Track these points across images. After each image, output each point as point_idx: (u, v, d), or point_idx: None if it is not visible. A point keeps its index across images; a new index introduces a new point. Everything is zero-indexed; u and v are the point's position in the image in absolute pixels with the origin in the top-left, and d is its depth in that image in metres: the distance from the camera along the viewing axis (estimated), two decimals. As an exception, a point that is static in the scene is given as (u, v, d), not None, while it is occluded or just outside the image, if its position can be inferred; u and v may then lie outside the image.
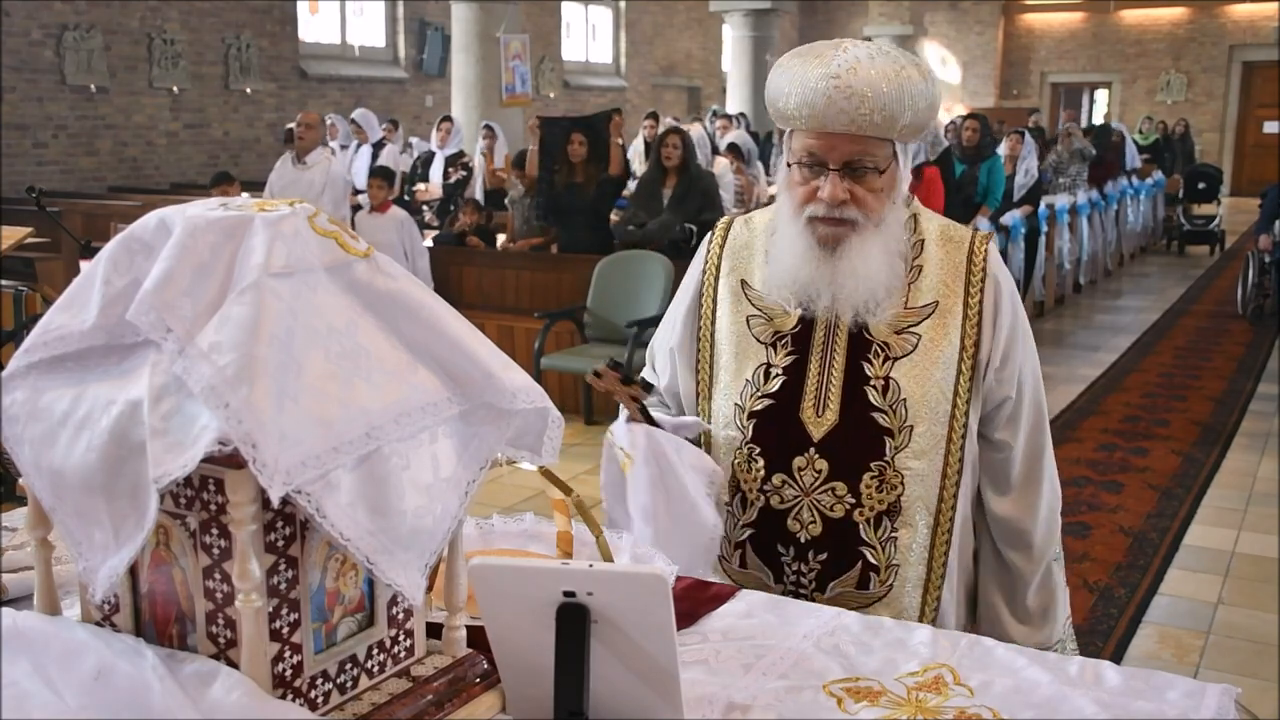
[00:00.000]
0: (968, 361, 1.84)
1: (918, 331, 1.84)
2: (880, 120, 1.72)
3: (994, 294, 1.85)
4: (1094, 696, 1.30)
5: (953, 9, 23.36)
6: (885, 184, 1.79)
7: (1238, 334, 9.30)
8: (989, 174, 8.50)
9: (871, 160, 1.76)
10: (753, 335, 1.92)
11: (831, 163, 1.76)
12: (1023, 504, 1.92)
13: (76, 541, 1.12)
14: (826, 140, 1.76)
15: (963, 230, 1.92)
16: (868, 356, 1.85)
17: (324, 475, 1.06)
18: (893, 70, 1.73)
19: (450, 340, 1.18)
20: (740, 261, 1.96)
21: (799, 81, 1.75)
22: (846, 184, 1.77)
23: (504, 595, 1.17)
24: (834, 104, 1.71)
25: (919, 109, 1.74)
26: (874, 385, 1.84)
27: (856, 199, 1.77)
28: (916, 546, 1.85)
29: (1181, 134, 17.37)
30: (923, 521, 1.84)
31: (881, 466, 1.83)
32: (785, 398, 1.87)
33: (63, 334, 1.14)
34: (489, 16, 11.88)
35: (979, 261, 1.86)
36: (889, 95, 1.71)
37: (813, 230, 1.81)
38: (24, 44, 11.15)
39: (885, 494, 1.83)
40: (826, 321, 1.86)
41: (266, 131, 13.66)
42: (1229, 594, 4.28)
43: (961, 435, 1.85)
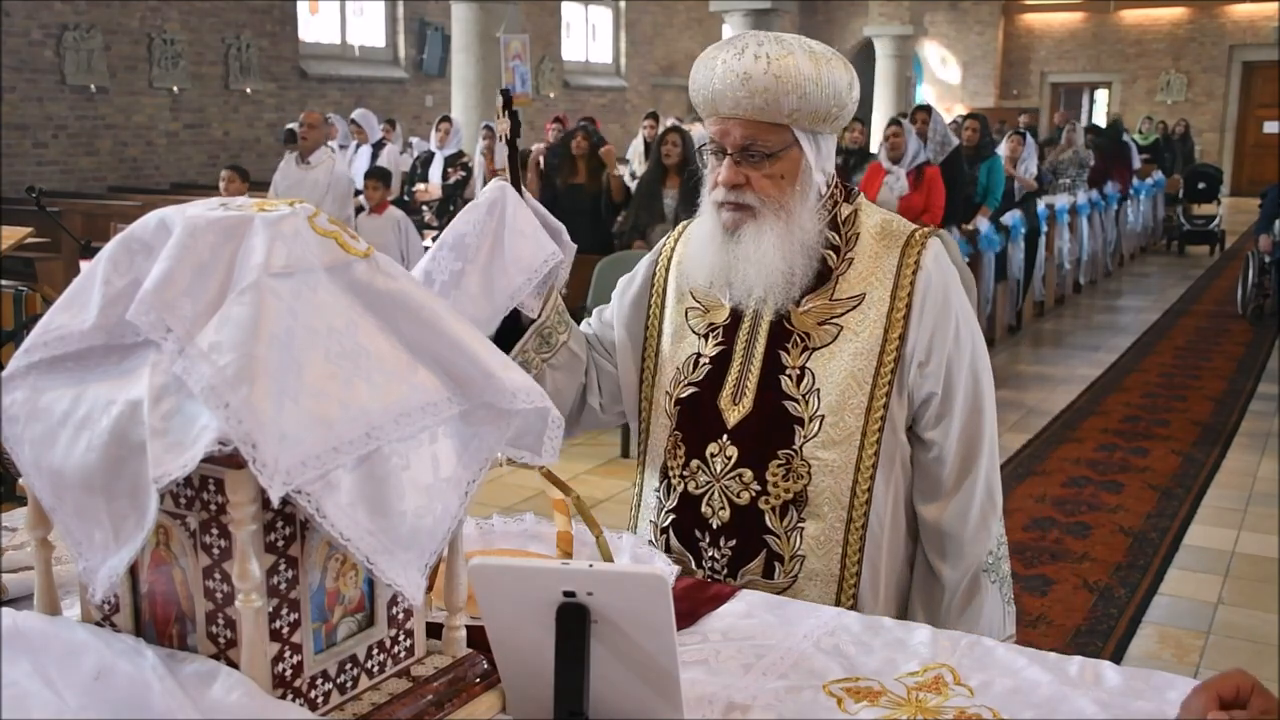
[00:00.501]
0: (890, 354, 1.83)
1: (840, 323, 1.85)
2: (763, 103, 1.76)
3: (924, 286, 1.84)
4: (1094, 696, 1.30)
5: (953, 9, 23.35)
6: (785, 171, 1.82)
7: (1238, 334, 9.30)
8: (989, 174, 8.50)
9: (764, 145, 1.79)
10: (689, 326, 1.97)
11: (728, 147, 1.81)
12: (952, 507, 1.87)
13: (76, 541, 1.12)
14: (722, 125, 1.82)
15: (905, 225, 1.92)
16: (786, 346, 1.86)
17: (324, 475, 1.06)
18: (778, 54, 1.76)
19: (450, 340, 1.18)
20: (685, 256, 2.01)
21: (701, 72, 1.82)
22: (743, 169, 1.81)
23: (504, 595, 1.17)
24: (726, 87, 1.77)
25: (806, 93, 1.76)
26: (789, 374, 1.85)
27: (752, 184, 1.81)
28: (825, 540, 1.83)
29: (1182, 134, 17.36)
30: (832, 514, 1.83)
31: (789, 455, 1.83)
32: (707, 386, 1.91)
33: (63, 334, 1.14)
34: (489, 16, 11.89)
35: (913, 255, 1.86)
36: (770, 79, 1.75)
37: (719, 216, 1.86)
38: (24, 44, 11.15)
39: (791, 483, 1.83)
40: (753, 313, 1.89)
41: (266, 131, 13.66)
42: (1229, 594, 4.28)
43: (878, 429, 1.83)
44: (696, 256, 1.92)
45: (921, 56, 23.35)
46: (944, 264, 1.88)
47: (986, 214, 8.39)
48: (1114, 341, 8.96)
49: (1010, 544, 2.03)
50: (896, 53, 19.29)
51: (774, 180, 1.81)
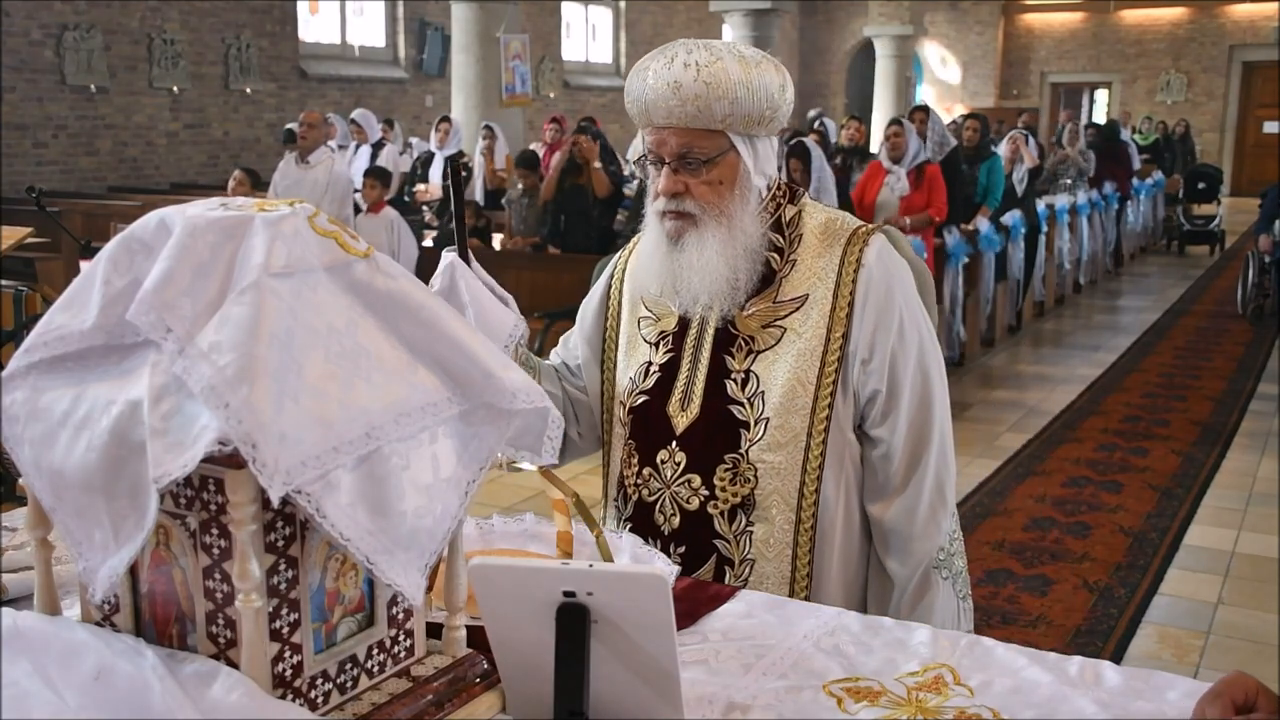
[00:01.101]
0: (834, 354, 1.83)
1: (784, 325, 1.85)
2: (695, 110, 1.77)
3: (865, 284, 1.83)
4: (1094, 696, 1.30)
5: (953, 9, 23.35)
6: (723, 176, 1.82)
7: (1238, 334, 9.30)
8: (989, 174, 8.50)
9: (701, 152, 1.80)
10: (641, 336, 1.98)
11: (665, 156, 1.83)
12: (900, 504, 1.86)
13: (76, 541, 1.12)
14: (657, 135, 1.83)
15: (849, 223, 1.91)
16: (731, 350, 1.87)
17: (324, 475, 1.06)
18: (707, 61, 1.77)
19: (450, 340, 1.18)
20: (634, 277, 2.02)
21: (634, 85, 1.84)
22: (681, 177, 1.82)
23: (504, 595, 1.17)
24: (658, 96, 1.79)
25: (737, 98, 1.77)
26: (734, 378, 1.86)
27: (691, 191, 1.82)
28: (775, 542, 1.83)
29: (1182, 134, 17.36)
30: (781, 516, 1.83)
31: (735, 459, 1.84)
32: (657, 393, 1.92)
33: (63, 334, 1.14)
34: (489, 16, 11.88)
35: (854, 253, 1.85)
36: (700, 86, 1.76)
37: (662, 225, 1.87)
38: (24, 44, 11.15)
39: (739, 487, 1.84)
40: (699, 319, 1.90)
41: (266, 131, 13.66)
42: (1229, 594, 4.28)
43: (824, 429, 1.83)
44: (645, 266, 1.94)
45: (921, 56, 23.35)
46: (888, 259, 1.87)
47: (986, 214, 8.39)
48: (1114, 341, 8.96)
49: (1010, 544, 2.03)
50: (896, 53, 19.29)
51: (712, 186, 1.82)
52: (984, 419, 6.70)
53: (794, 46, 23.83)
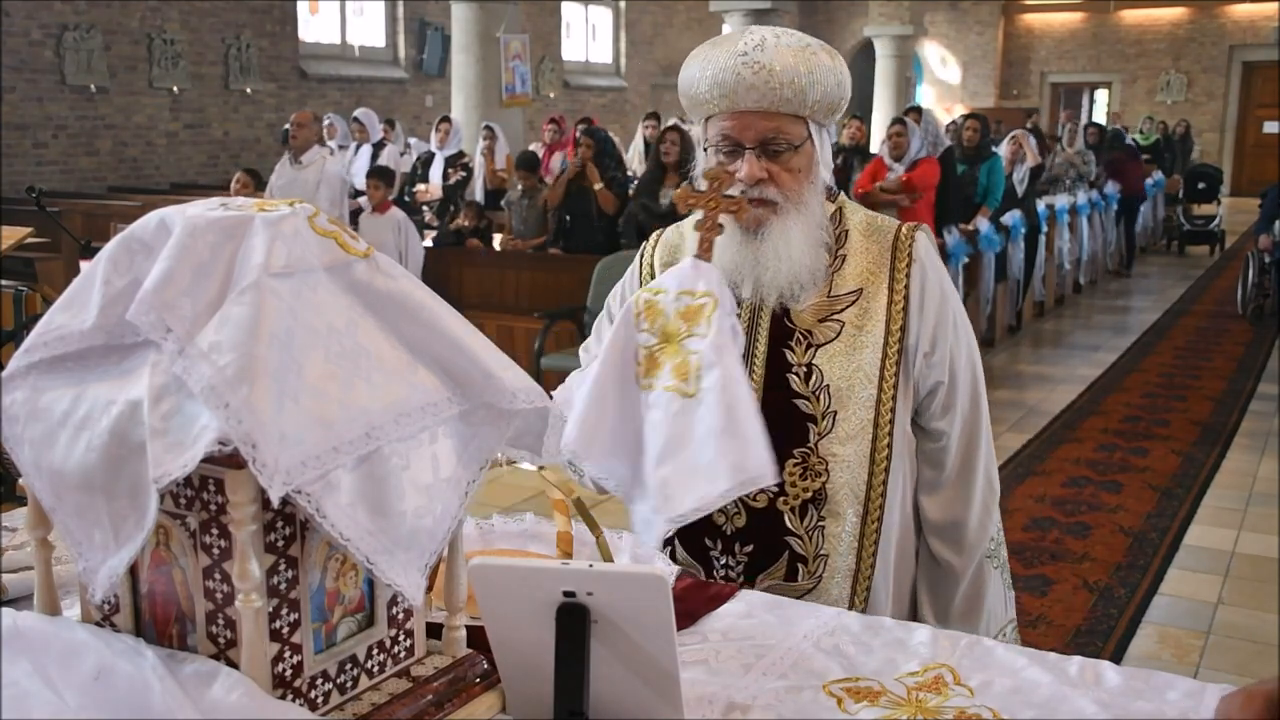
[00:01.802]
0: (894, 346, 1.82)
1: (841, 319, 1.83)
2: (790, 95, 1.74)
3: (920, 279, 1.84)
4: (1094, 696, 1.30)
5: (953, 9, 23.35)
6: (802, 164, 1.80)
7: (1238, 334, 9.31)
8: (989, 174, 8.51)
9: (786, 138, 1.77)
10: None
11: (747, 142, 1.77)
12: (957, 495, 1.89)
13: (76, 541, 1.12)
14: (740, 120, 1.77)
15: (889, 221, 1.92)
16: (789, 344, 1.84)
17: (324, 475, 1.06)
18: (800, 46, 1.76)
19: (450, 340, 1.18)
20: (671, 261, 1.95)
21: (710, 65, 1.77)
22: (763, 163, 1.78)
23: (504, 595, 1.17)
24: (744, 81, 1.73)
25: (828, 86, 1.76)
26: (796, 372, 1.83)
27: (774, 178, 1.78)
28: (845, 536, 1.82)
29: (1182, 134, 17.36)
30: (851, 510, 1.82)
31: (805, 453, 1.81)
32: None
33: (63, 334, 1.14)
34: (489, 16, 11.88)
35: (905, 248, 1.85)
36: (796, 70, 1.73)
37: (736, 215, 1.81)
38: (24, 44, 11.15)
39: (810, 481, 1.81)
40: (751, 311, 1.87)
41: (266, 131, 13.66)
42: (1229, 594, 4.28)
43: (889, 420, 1.82)
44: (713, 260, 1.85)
45: (921, 56, 23.35)
46: (933, 255, 1.89)
47: (986, 214, 8.40)
48: (1114, 341, 8.96)
49: (1010, 544, 2.04)
50: (896, 53, 19.28)
51: (794, 174, 1.79)
52: (984, 419, 6.69)
53: (794, 46, 23.79)
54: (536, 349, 6.33)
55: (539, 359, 6.25)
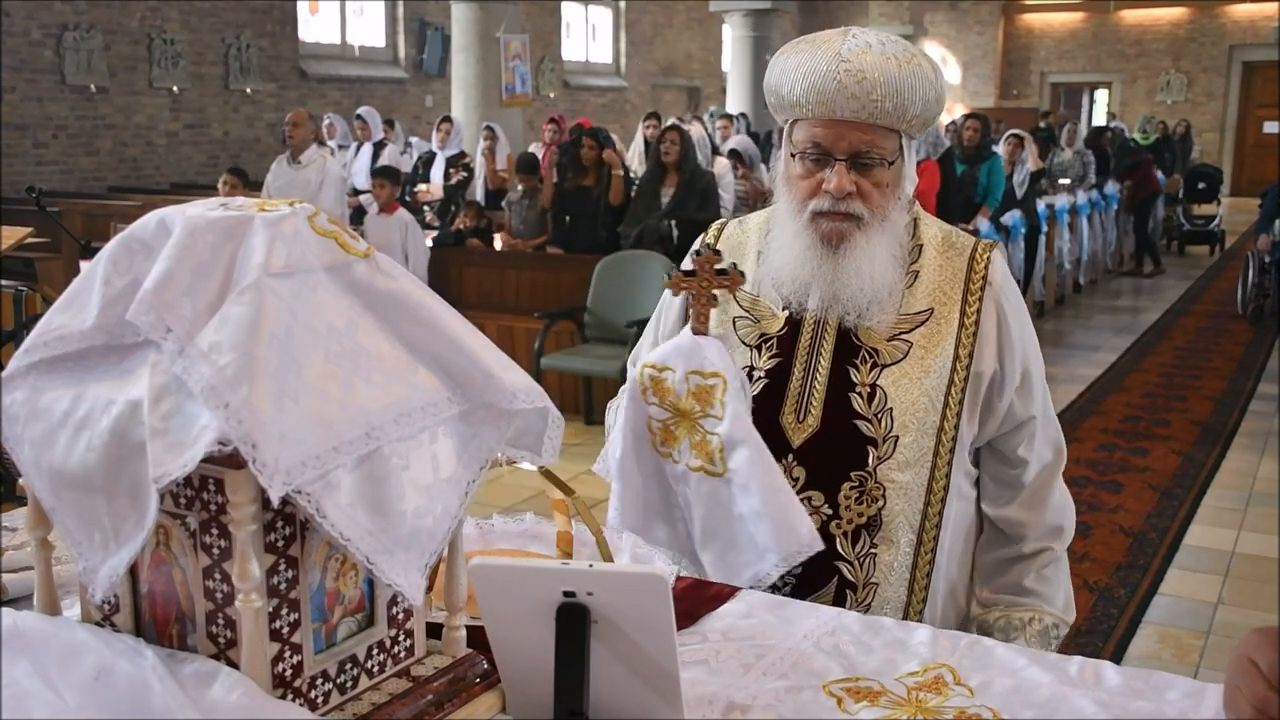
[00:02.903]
0: (961, 373, 1.74)
1: (910, 339, 1.75)
2: (891, 108, 1.65)
3: (996, 306, 1.76)
4: (1094, 696, 1.30)
5: (953, 9, 23.35)
6: (891, 179, 1.72)
7: (1238, 334, 9.30)
8: (989, 174, 8.51)
9: (879, 152, 1.69)
10: (738, 337, 1.84)
11: (838, 153, 1.68)
12: (1028, 511, 1.86)
13: (76, 541, 1.12)
14: (834, 129, 1.68)
15: (966, 238, 1.83)
16: (854, 362, 1.76)
17: (324, 475, 1.06)
18: (905, 57, 1.67)
19: (450, 340, 1.18)
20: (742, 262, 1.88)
21: (806, 67, 1.68)
22: (853, 176, 1.69)
23: (504, 595, 1.16)
24: (844, 89, 1.64)
25: (929, 100, 1.68)
26: (859, 392, 1.75)
27: (863, 193, 1.70)
28: (898, 566, 1.75)
29: (1182, 134, 17.37)
30: (905, 539, 1.75)
31: (862, 477, 1.74)
32: (766, 402, 1.79)
33: (63, 334, 1.14)
34: (489, 16, 11.88)
35: (980, 270, 1.77)
36: (901, 82, 1.64)
37: (815, 227, 1.73)
38: (24, 44, 11.15)
39: (865, 506, 1.74)
40: (814, 324, 1.79)
41: (266, 131, 13.67)
42: (1229, 594, 4.28)
43: (950, 450, 1.75)
44: (784, 269, 1.78)
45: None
46: (1010, 280, 1.82)
47: (986, 214, 8.40)
48: (1114, 341, 8.96)
49: (1011, 544, 2.02)
50: (896, 53, 19.27)
51: (881, 189, 1.71)
52: (984, 419, 6.70)
53: (794, 46, 23.80)
54: (536, 349, 6.32)
55: (539, 359, 6.25)
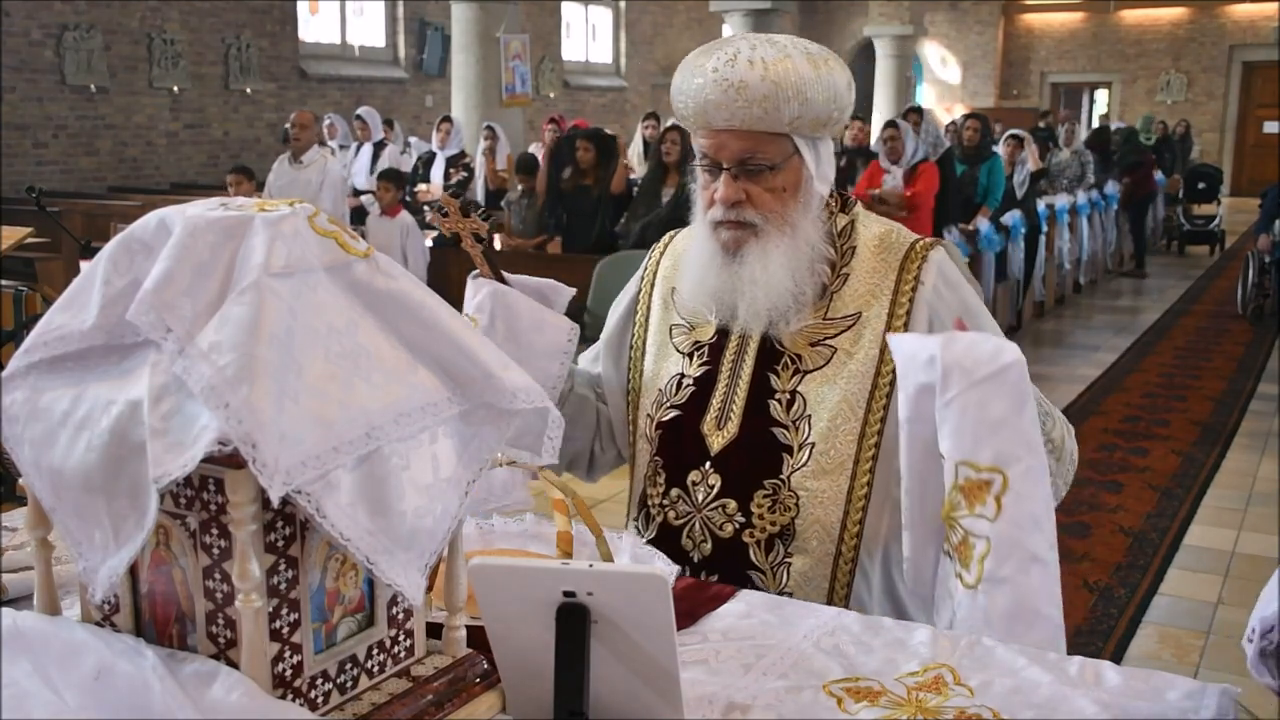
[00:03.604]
0: (885, 377, 1.69)
1: (834, 344, 1.72)
2: (761, 113, 1.63)
3: (928, 308, 1.71)
4: (1094, 696, 1.30)
5: (953, 9, 23.35)
6: (786, 183, 1.69)
7: (1238, 334, 9.30)
8: (989, 174, 8.51)
9: (764, 157, 1.67)
10: (673, 345, 1.84)
11: (724, 162, 1.68)
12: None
13: (76, 541, 1.12)
14: (715, 139, 1.69)
15: (904, 237, 1.78)
16: (776, 369, 1.74)
17: (324, 475, 1.06)
18: (775, 58, 1.63)
19: (450, 340, 1.18)
20: (675, 269, 1.89)
21: (686, 83, 1.69)
22: (742, 184, 1.68)
23: (504, 595, 1.16)
24: (712, 100, 1.64)
25: (808, 99, 1.64)
26: (778, 399, 1.73)
27: (754, 200, 1.68)
28: (814, 575, 1.72)
29: (1182, 134, 17.37)
30: (820, 549, 1.72)
31: (776, 485, 1.71)
32: (690, 409, 1.78)
33: (63, 334, 1.14)
34: (489, 16, 11.88)
35: (912, 271, 1.72)
36: (770, 85, 1.62)
37: (717, 236, 1.72)
38: (24, 44, 11.15)
39: (778, 515, 1.71)
40: (741, 332, 1.77)
41: (266, 131, 13.66)
42: (1229, 594, 4.28)
43: (872, 458, 1.70)
44: (696, 281, 1.79)
45: (921, 56, 23.35)
46: (950, 276, 1.75)
47: (986, 214, 8.40)
48: (1114, 341, 8.96)
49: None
50: (896, 53, 19.30)
51: (776, 194, 1.69)
52: (984, 419, 6.69)
53: (794, 46, 23.79)
54: (536, 349, 6.31)
55: (539, 359, 6.24)
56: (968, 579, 1.49)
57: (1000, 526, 1.47)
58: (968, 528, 1.49)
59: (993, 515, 1.47)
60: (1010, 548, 1.48)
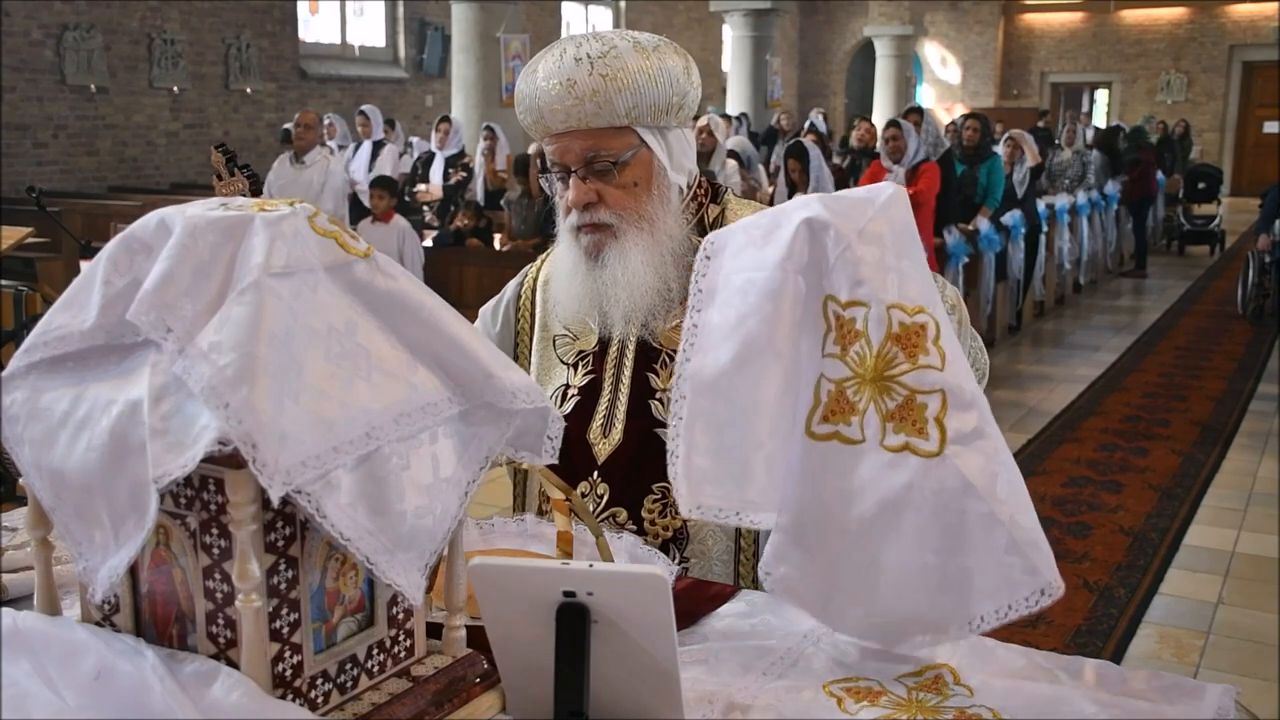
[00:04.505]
0: None
1: None
2: (595, 108, 1.60)
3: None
4: (1094, 696, 1.30)
5: (953, 9, 23.36)
6: (637, 178, 1.65)
7: (1238, 334, 9.31)
8: (989, 174, 8.51)
9: (609, 153, 1.63)
10: (558, 357, 1.80)
11: (570, 164, 1.65)
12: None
13: (76, 541, 1.12)
14: (558, 142, 1.65)
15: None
16: (654, 368, 1.70)
17: (324, 475, 1.06)
18: (600, 52, 1.61)
19: (450, 340, 1.18)
20: (550, 282, 1.84)
21: (525, 85, 1.66)
22: (592, 185, 1.64)
23: (504, 595, 1.16)
24: (547, 102, 1.61)
25: (640, 87, 1.60)
26: (659, 398, 1.68)
27: (606, 199, 1.65)
28: (714, 576, 1.69)
29: (1182, 134, 17.38)
30: (719, 547, 1.68)
31: (664, 489, 1.66)
32: (576, 420, 1.74)
33: (63, 334, 1.14)
34: (489, 16, 11.89)
35: None
36: (597, 80, 1.58)
37: (579, 242, 1.69)
38: (24, 44, 11.15)
39: (670, 519, 1.67)
40: (619, 336, 1.73)
41: (266, 131, 13.67)
42: (1229, 594, 4.28)
43: None
44: (564, 290, 1.75)
45: (921, 56, 23.36)
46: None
47: (986, 214, 8.40)
48: (1114, 341, 8.96)
49: (1010, 544, 1.99)
50: (896, 53, 19.32)
51: (627, 190, 1.65)
52: (984, 419, 6.70)
53: (794, 46, 23.84)
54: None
55: (539, 359, 6.24)
56: (925, 446, 1.21)
57: (950, 376, 1.23)
58: (913, 384, 1.22)
59: (940, 364, 1.22)
60: (972, 398, 1.23)
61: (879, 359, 1.23)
